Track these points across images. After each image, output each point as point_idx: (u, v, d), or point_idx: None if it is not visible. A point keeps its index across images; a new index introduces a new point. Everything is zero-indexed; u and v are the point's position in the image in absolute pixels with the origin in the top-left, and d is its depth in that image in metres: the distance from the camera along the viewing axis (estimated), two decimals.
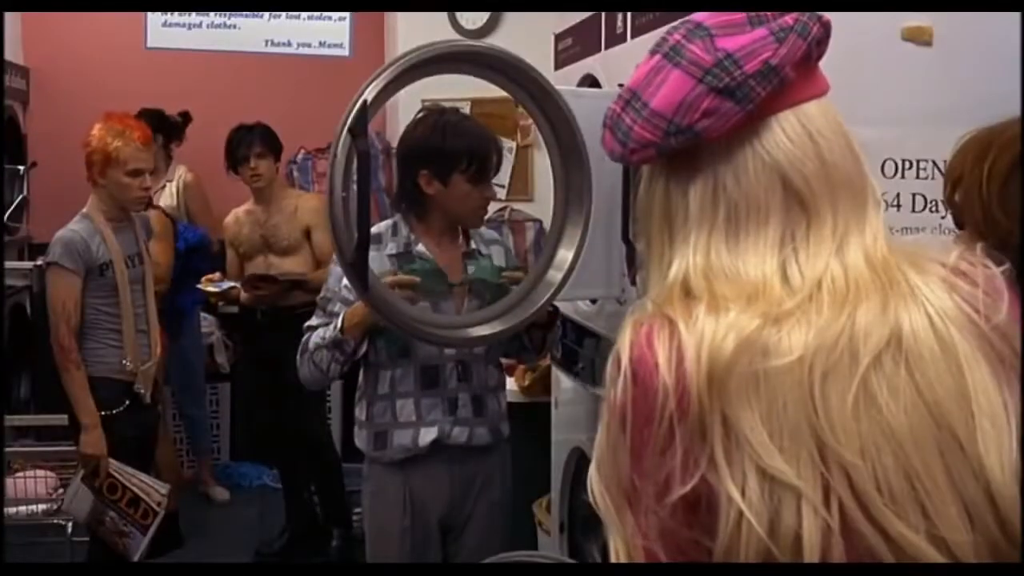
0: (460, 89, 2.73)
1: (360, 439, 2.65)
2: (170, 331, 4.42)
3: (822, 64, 1.13)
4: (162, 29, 4.83)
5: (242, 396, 5.49)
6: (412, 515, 2.60)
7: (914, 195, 1.96)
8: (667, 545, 1.03)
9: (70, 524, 4.01)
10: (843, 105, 1.89)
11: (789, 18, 1.07)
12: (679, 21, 1.11)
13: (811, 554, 0.98)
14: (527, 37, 3.65)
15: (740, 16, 1.08)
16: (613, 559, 1.07)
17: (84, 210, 3.52)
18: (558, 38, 3.33)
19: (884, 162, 1.95)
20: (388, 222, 2.66)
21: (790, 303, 1.03)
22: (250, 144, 4.44)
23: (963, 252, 1.09)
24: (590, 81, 2.99)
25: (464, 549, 2.61)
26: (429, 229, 2.59)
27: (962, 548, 1.00)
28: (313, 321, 2.61)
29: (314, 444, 4.60)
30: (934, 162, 1.93)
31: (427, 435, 2.55)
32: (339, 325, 2.49)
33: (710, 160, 1.08)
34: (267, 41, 4.84)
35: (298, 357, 2.60)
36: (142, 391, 3.54)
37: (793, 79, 1.06)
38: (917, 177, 1.96)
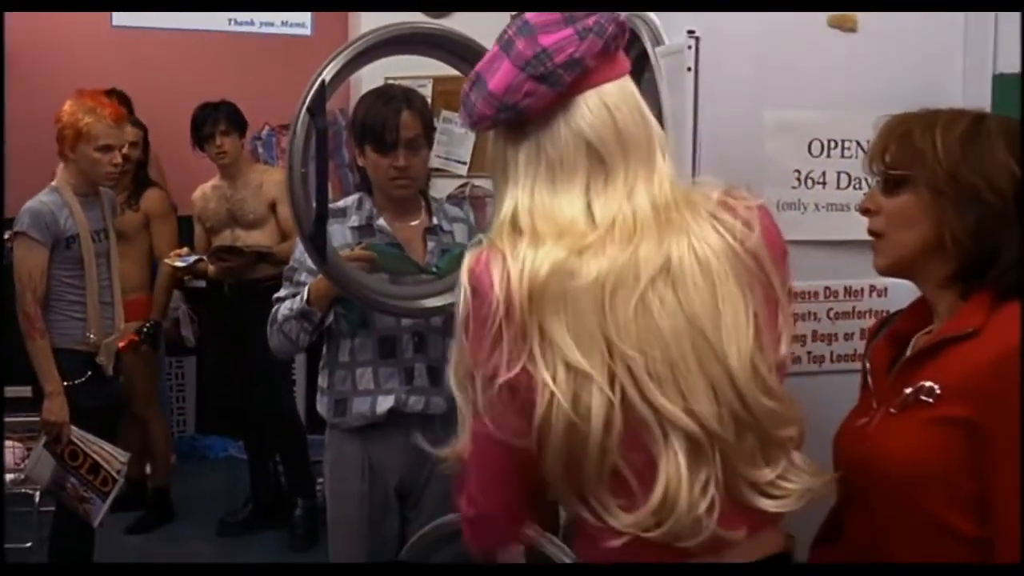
0: (422, 67, 2.81)
1: (321, 406, 2.73)
2: None
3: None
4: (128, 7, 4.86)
5: (208, 369, 5.56)
6: (370, 480, 2.69)
7: (839, 173, 2.05)
8: (493, 418, 1.37)
9: (37, 493, 4.09)
10: (775, 88, 2.03)
11: (591, 20, 1.38)
12: (516, 15, 1.43)
13: (597, 422, 1.32)
14: (486, 17, 3.73)
15: (558, 16, 1.39)
16: (462, 435, 1.42)
17: (53, 183, 3.57)
18: (513, 19, 3.41)
19: (811, 142, 2.04)
20: (354, 196, 2.74)
21: (591, 237, 1.36)
22: (215, 122, 4.51)
23: (728, 190, 1.44)
24: None
25: (422, 513, 2.67)
26: (387, 204, 2.67)
27: (708, 417, 1.33)
28: (281, 292, 2.69)
29: (279, 415, 4.69)
30: (858, 142, 2.02)
31: (384, 403, 2.63)
32: (305, 296, 2.57)
33: (533, 129, 1.40)
34: (231, 20, 4.89)
35: (268, 328, 2.68)
36: (104, 363, 3.61)
37: (594, 67, 1.37)
38: (842, 156, 2.05)
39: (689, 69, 2.01)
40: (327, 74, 2.47)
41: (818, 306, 2.09)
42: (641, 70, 2.45)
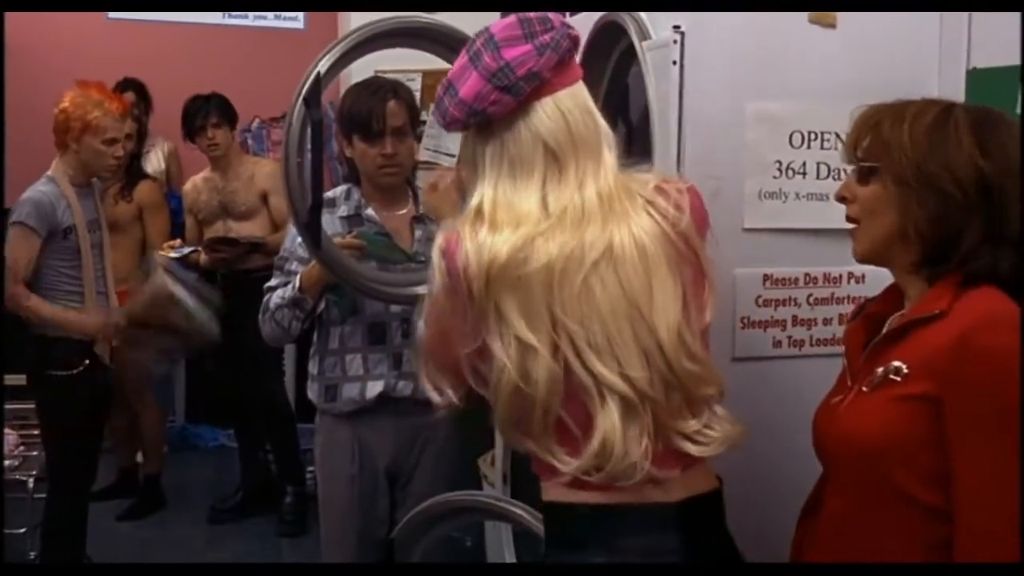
0: (413, 61, 2.86)
1: (312, 392, 2.79)
2: None
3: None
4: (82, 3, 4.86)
5: (199, 358, 5.59)
6: (360, 464, 2.75)
7: (818, 163, 2.11)
8: (467, 370, 1.63)
9: (31, 480, 4.12)
10: (757, 81, 2.10)
11: (548, 36, 1.59)
12: (483, 29, 1.63)
13: (541, 388, 1.55)
14: (478, 11, 3.78)
15: (519, 31, 1.59)
16: (426, 384, 1.71)
17: (49, 173, 3.58)
18: (504, 14, 3.47)
19: (792, 133, 2.10)
20: (343, 187, 2.80)
21: (544, 225, 1.57)
22: (206, 114, 4.55)
23: (663, 177, 1.66)
24: None
25: (411, 496, 2.74)
26: (374, 193, 2.73)
27: (640, 381, 1.56)
28: (273, 282, 2.74)
29: (270, 404, 4.73)
30: (837, 134, 2.07)
31: (374, 388, 2.69)
32: (297, 284, 2.63)
33: (498, 131, 1.61)
34: (225, 13, 4.94)
35: (260, 317, 2.73)
36: (101, 352, 3.63)
37: (550, 77, 1.59)
38: (822, 147, 2.11)
39: (674, 63, 2.07)
40: (322, 66, 2.52)
41: (798, 292, 2.15)
42: (628, 64, 2.52)
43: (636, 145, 2.54)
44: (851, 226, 1.64)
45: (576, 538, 1.64)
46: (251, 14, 4.82)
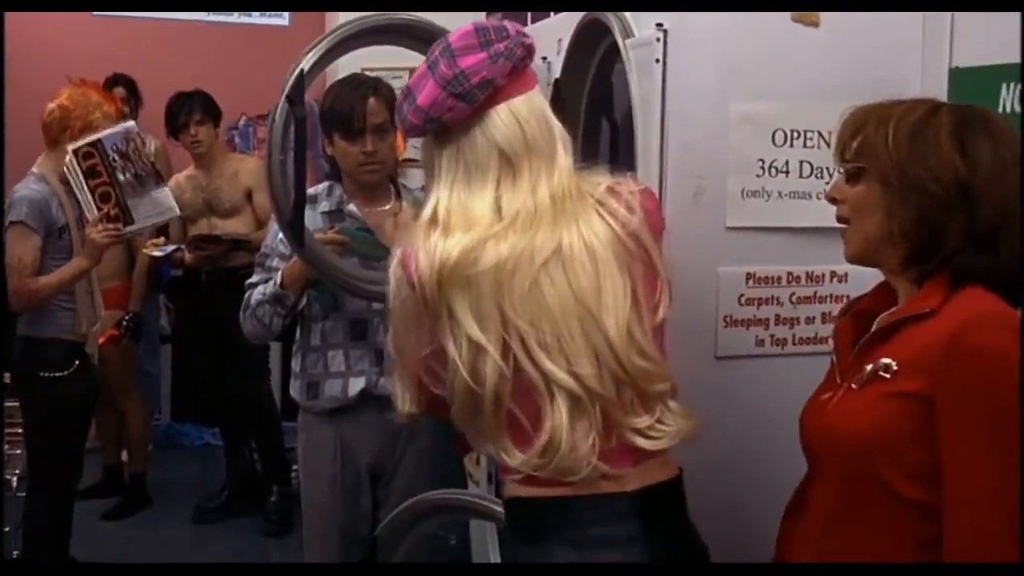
0: (399, 58, 2.85)
1: (295, 389, 2.78)
2: None
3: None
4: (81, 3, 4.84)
5: (185, 357, 5.58)
6: (343, 461, 2.74)
7: (801, 162, 2.10)
8: (425, 371, 1.69)
9: (15, 479, 4.10)
10: (740, 80, 2.10)
11: (502, 45, 1.62)
12: (442, 38, 1.67)
13: (490, 387, 1.59)
14: (463, 11, 3.78)
15: (475, 40, 1.63)
16: (399, 392, 1.75)
17: (36, 171, 3.55)
18: (489, 13, 3.47)
19: (775, 132, 2.10)
20: (325, 184, 2.79)
21: (496, 228, 1.61)
22: (190, 111, 4.53)
23: (615, 180, 1.68)
24: None
25: (394, 494, 2.73)
26: (356, 190, 2.72)
27: (588, 379, 1.60)
28: (254, 279, 2.73)
29: (255, 402, 4.73)
30: (819, 133, 2.08)
31: (355, 385, 2.68)
32: (279, 281, 2.62)
33: (454, 136, 1.65)
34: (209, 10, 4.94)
35: (241, 314, 2.71)
36: (91, 352, 3.63)
37: (504, 85, 1.62)
38: (804, 146, 2.10)
39: (657, 61, 2.07)
40: (306, 63, 2.52)
41: (781, 291, 2.15)
42: (613, 62, 2.52)
43: (621, 143, 2.55)
44: (838, 225, 1.64)
45: (538, 531, 1.68)
46: (236, 11, 4.81)
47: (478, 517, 2.74)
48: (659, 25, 2.07)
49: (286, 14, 4.92)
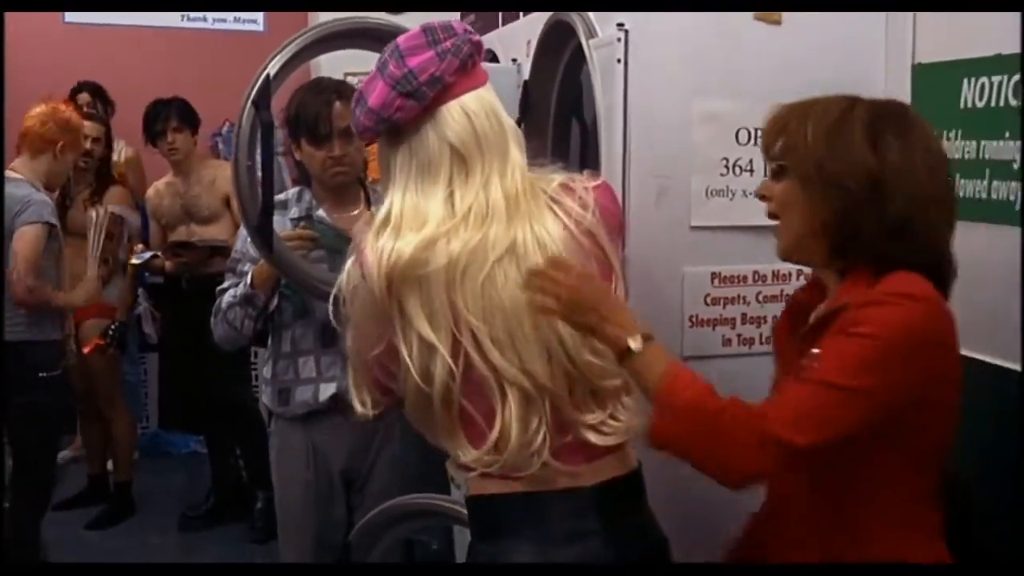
0: None
1: (266, 395, 2.77)
2: None
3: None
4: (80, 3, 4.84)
5: (170, 365, 5.56)
6: (315, 467, 2.73)
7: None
8: (379, 371, 1.70)
9: None
10: (703, 78, 2.10)
11: (449, 43, 1.62)
12: (392, 42, 1.65)
13: (440, 386, 1.60)
14: (439, 13, 3.77)
15: (423, 40, 1.63)
16: (355, 394, 1.75)
17: (21, 177, 3.66)
18: (463, 15, 3.47)
19: (739, 130, 2.11)
20: (294, 189, 2.78)
21: (448, 224, 1.61)
22: (167, 118, 4.52)
23: (569, 176, 1.68)
24: (490, 56, 3.14)
25: (367, 499, 2.72)
26: (325, 195, 2.71)
27: (539, 375, 1.61)
28: (225, 284, 2.71)
29: (239, 409, 4.70)
30: None
31: (327, 390, 2.66)
32: (249, 281, 2.61)
33: (406, 136, 1.65)
34: (183, 16, 4.91)
35: (212, 319, 2.70)
36: (72, 355, 3.77)
37: (453, 82, 1.62)
38: None
39: (619, 60, 2.07)
40: (272, 68, 2.51)
41: (747, 290, 2.15)
42: (580, 63, 2.51)
43: (591, 144, 2.54)
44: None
45: (499, 527, 1.70)
46: (210, 17, 4.79)
47: (451, 521, 2.72)
48: (620, 25, 2.07)
49: (260, 20, 4.90)
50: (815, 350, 1.53)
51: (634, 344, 1.54)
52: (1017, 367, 1.83)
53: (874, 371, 1.45)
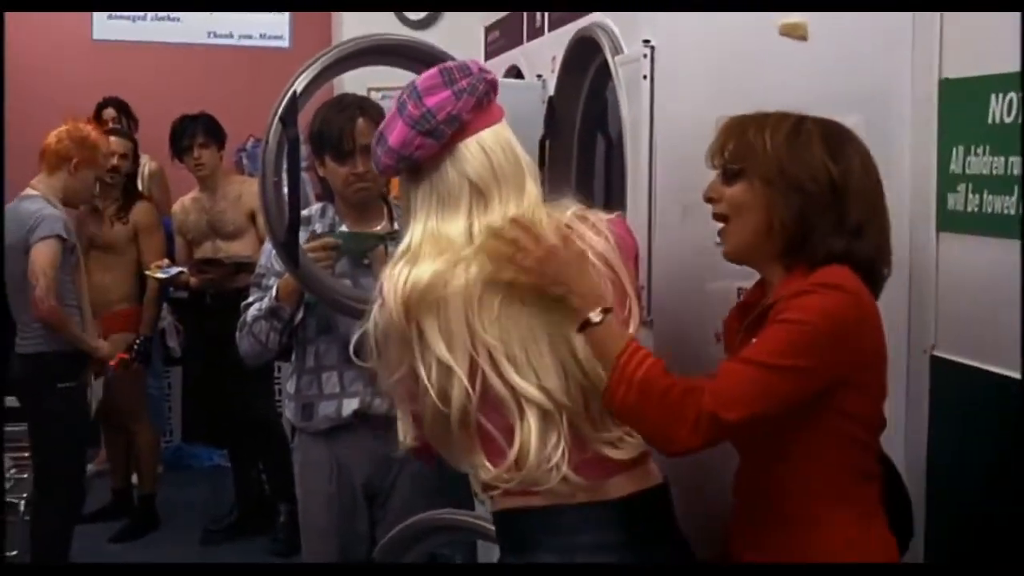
0: (404, 77, 2.86)
1: (289, 411, 2.77)
2: None
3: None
4: (108, 22, 4.89)
5: (193, 379, 5.60)
6: (338, 482, 2.72)
7: None
8: (404, 390, 1.76)
9: (22, 503, 4.12)
10: (727, 93, 2.09)
11: (465, 82, 1.71)
12: (409, 82, 1.75)
13: (457, 407, 1.67)
14: (464, 29, 3.80)
15: (439, 80, 1.72)
16: (400, 426, 1.81)
17: (37, 194, 3.71)
18: (487, 31, 3.49)
19: None
20: (318, 205, 2.80)
21: (467, 251, 1.70)
22: (193, 134, 4.55)
23: (581, 208, 1.78)
24: (515, 72, 3.16)
25: (390, 513, 2.71)
26: (348, 211, 2.72)
27: (556, 391, 1.68)
28: (250, 299, 2.72)
29: (262, 423, 4.71)
30: None
31: (349, 405, 2.67)
32: (274, 294, 2.62)
33: (426, 172, 1.74)
34: (210, 33, 4.95)
35: (237, 333, 2.71)
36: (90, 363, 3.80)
37: (470, 119, 1.71)
38: None
39: (645, 77, 2.08)
40: (299, 85, 2.53)
41: None
42: (606, 79, 2.52)
43: (616, 159, 2.55)
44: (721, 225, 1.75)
45: (525, 541, 1.75)
46: (236, 33, 4.83)
47: (477, 537, 2.72)
48: (646, 42, 2.08)
49: (285, 37, 4.94)
50: (755, 340, 1.62)
51: (595, 316, 1.63)
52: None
53: (801, 353, 1.56)
